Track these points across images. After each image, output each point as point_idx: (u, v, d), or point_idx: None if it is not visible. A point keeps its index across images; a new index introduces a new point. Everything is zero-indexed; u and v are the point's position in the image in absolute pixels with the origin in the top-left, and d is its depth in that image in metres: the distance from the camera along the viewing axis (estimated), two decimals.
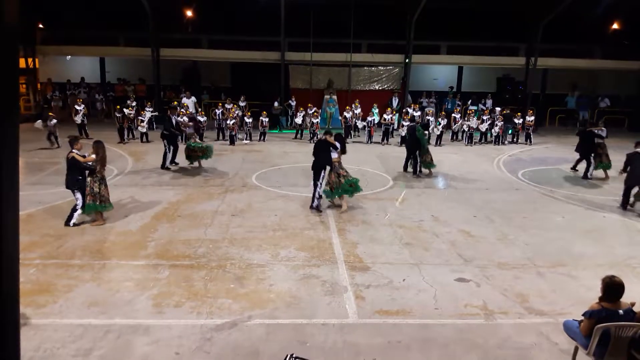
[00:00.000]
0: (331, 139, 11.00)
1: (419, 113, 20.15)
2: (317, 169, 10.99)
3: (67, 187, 9.77)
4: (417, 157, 14.54)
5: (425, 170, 14.66)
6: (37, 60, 24.64)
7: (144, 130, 19.06)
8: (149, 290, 7.09)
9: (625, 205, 11.59)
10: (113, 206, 10.09)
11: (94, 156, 9.63)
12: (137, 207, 10.97)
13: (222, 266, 8.00)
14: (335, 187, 10.88)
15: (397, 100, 23.82)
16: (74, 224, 9.63)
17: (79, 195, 9.68)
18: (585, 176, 14.54)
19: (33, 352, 5.57)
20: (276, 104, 23.22)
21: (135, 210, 10.71)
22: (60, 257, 8.18)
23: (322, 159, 10.97)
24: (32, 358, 5.47)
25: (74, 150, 9.59)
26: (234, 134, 19.31)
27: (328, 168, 10.94)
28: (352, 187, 10.99)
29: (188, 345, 5.83)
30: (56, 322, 6.23)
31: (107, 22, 23.64)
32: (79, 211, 9.70)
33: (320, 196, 11.02)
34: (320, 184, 10.95)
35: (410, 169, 14.82)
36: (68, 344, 5.78)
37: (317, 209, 10.92)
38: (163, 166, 14.65)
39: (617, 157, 13.75)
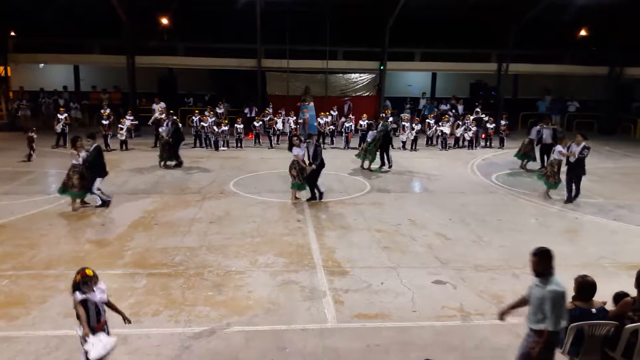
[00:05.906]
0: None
1: (391, 119, 20.24)
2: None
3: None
4: (389, 153, 16.08)
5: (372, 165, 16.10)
6: (9, 68, 24.16)
7: (123, 138, 18.86)
8: (126, 300, 7.00)
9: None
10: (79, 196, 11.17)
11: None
12: (113, 215, 10.84)
13: (200, 274, 7.95)
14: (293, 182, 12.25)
15: (348, 105, 23.92)
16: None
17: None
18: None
19: None
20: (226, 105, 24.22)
21: (111, 219, 10.58)
22: (34, 268, 8.04)
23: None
24: None
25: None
26: (218, 139, 19.37)
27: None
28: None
29: (167, 353, 5.79)
30: (30, 334, 6.12)
31: (82, 29, 23.26)
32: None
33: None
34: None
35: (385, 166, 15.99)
36: (43, 356, 5.69)
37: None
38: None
39: (592, 160, 13.94)
